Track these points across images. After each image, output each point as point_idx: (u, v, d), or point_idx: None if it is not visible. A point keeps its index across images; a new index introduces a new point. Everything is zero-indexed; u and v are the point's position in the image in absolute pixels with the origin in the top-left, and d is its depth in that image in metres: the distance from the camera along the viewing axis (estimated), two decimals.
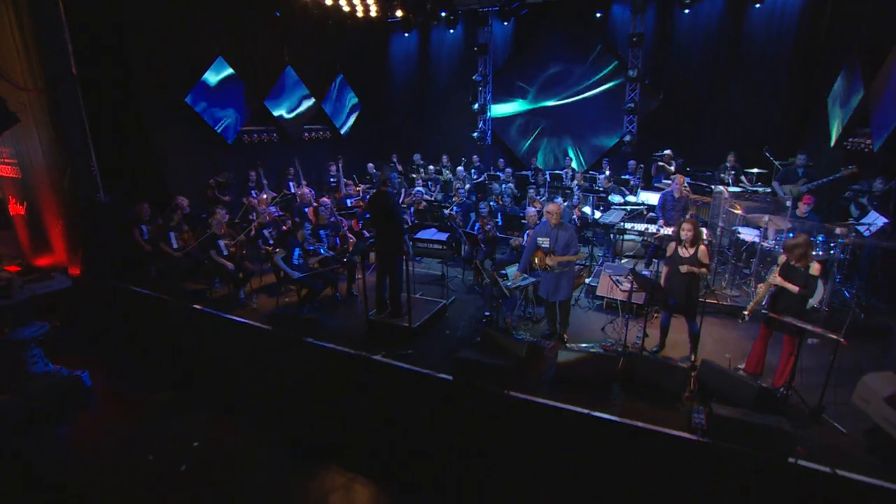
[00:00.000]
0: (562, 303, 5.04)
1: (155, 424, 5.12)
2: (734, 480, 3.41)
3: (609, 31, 9.98)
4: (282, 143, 10.51)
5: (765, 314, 4.15)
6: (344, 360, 5.09)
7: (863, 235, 5.39)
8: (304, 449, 4.63)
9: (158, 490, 4.10)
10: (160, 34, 8.06)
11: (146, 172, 8.24)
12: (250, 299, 6.54)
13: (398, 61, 12.73)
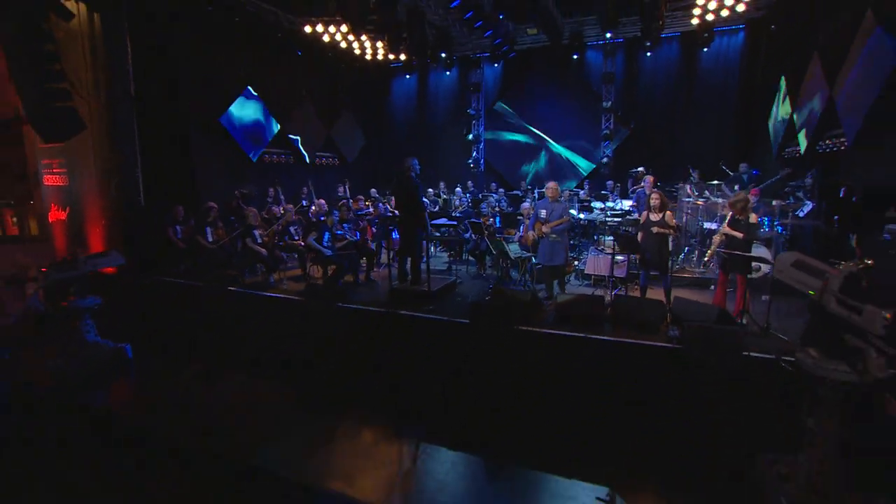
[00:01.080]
0: (558, 267, 6.04)
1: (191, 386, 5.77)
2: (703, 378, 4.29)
3: (585, 71, 11.65)
4: (297, 165, 11.65)
5: (723, 257, 5.20)
6: (373, 318, 5.92)
7: (798, 216, 6.60)
8: (326, 398, 5.33)
9: (203, 427, 4.73)
10: (202, 64, 9.30)
11: (180, 180, 9.20)
12: (280, 283, 7.37)
13: (399, 98, 14.25)
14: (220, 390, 5.69)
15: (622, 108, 11.27)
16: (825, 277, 3.11)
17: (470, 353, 5.29)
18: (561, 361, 4.86)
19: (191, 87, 9.15)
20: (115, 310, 7.18)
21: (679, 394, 4.31)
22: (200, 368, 6.30)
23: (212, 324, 7.18)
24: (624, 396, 4.44)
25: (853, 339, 2.95)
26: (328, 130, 12.59)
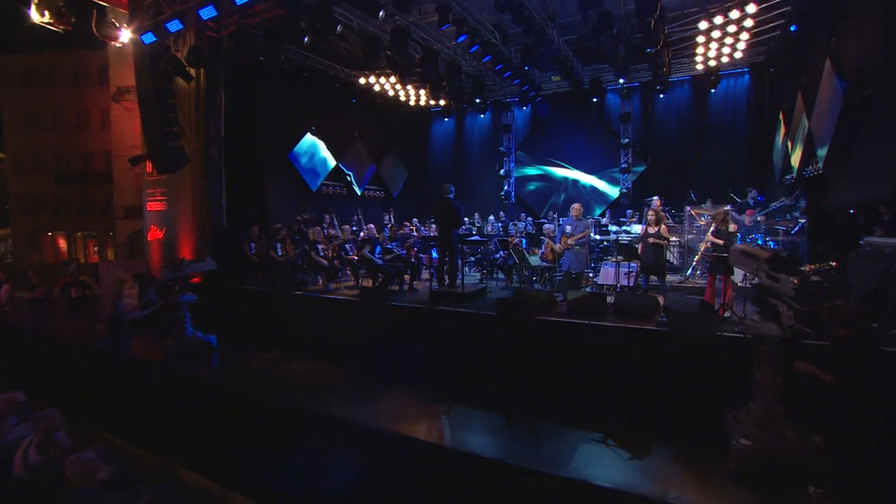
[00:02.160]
0: (579, 275, 7.17)
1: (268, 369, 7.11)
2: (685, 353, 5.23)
3: (605, 111, 12.96)
4: (348, 196, 13.33)
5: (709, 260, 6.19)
6: (415, 313, 7.15)
7: (790, 233, 7.49)
8: (374, 376, 6.53)
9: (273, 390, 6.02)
10: (275, 110, 11.21)
11: (254, 205, 10.93)
12: (336, 290, 8.76)
13: (439, 138, 15.95)
14: (288, 370, 7.03)
15: (640, 143, 12.44)
16: (758, 259, 4.17)
17: (495, 340, 6.41)
18: (570, 343, 5.90)
19: (266, 129, 11.03)
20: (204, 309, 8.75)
21: (666, 366, 5.27)
22: (273, 355, 7.69)
23: (281, 322, 8.60)
24: (620, 369, 5.44)
25: (775, 300, 3.96)
26: (376, 166, 14.31)
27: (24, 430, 4.29)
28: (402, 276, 8.71)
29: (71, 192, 26.52)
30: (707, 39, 9.07)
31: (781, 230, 7.48)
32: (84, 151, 26.42)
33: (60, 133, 26.27)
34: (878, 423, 3.74)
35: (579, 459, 4.32)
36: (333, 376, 6.66)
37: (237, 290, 9.34)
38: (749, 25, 8.49)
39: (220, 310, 9.08)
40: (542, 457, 4.32)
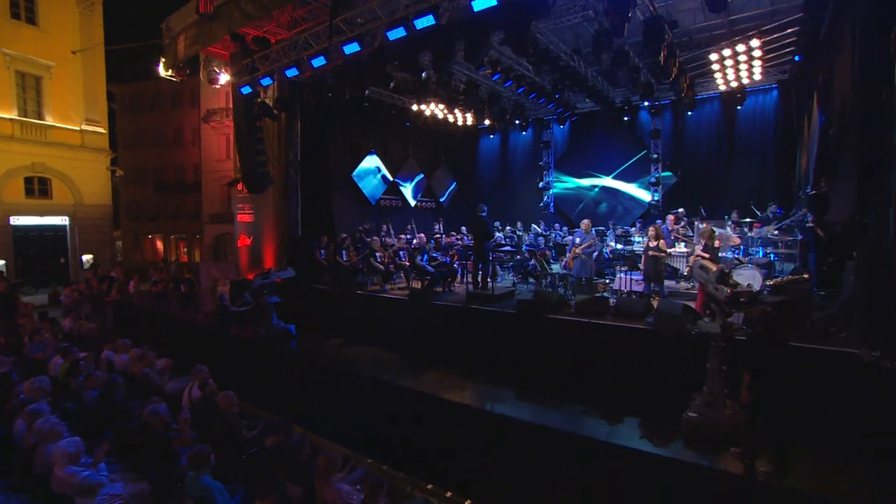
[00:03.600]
0: (589, 280, 8.43)
1: (335, 351, 8.93)
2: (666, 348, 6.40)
3: (638, 127, 13.89)
4: (403, 207, 15.13)
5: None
6: (453, 310, 8.69)
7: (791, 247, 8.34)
8: (420, 359, 8.14)
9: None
10: (341, 136, 13.17)
11: (324, 218, 12.93)
12: (391, 291, 10.48)
13: (485, 153, 17.44)
14: (350, 352, 8.80)
15: (670, 157, 13.28)
16: (709, 273, 5.37)
17: (516, 334, 7.82)
18: (574, 337, 7.21)
19: (333, 153, 13.02)
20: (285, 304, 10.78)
21: (650, 358, 6.47)
22: (338, 341, 9.52)
23: (344, 315, 10.44)
24: (612, 358, 6.70)
25: (715, 306, 5.15)
26: (428, 179, 16.03)
27: (176, 384, 6.29)
28: (444, 279, 10.29)
29: (166, 200, 30.39)
30: (721, 67, 9.94)
31: (782, 243, 8.32)
32: (177, 165, 30.16)
33: (159, 149, 30.21)
34: (784, 398, 4.84)
35: (570, 423, 5.69)
36: (385, 358, 8.36)
37: (310, 289, 11.30)
38: (758, 55, 9.31)
39: (297, 305, 11.09)
40: (543, 420, 5.73)
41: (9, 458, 4.04)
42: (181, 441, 4.53)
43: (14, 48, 17.48)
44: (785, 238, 8.45)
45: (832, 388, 5.18)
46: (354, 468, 4.28)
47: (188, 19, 10.40)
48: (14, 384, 5.32)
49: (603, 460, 5.03)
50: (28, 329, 8.13)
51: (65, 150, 19.43)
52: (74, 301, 12.27)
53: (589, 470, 5.06)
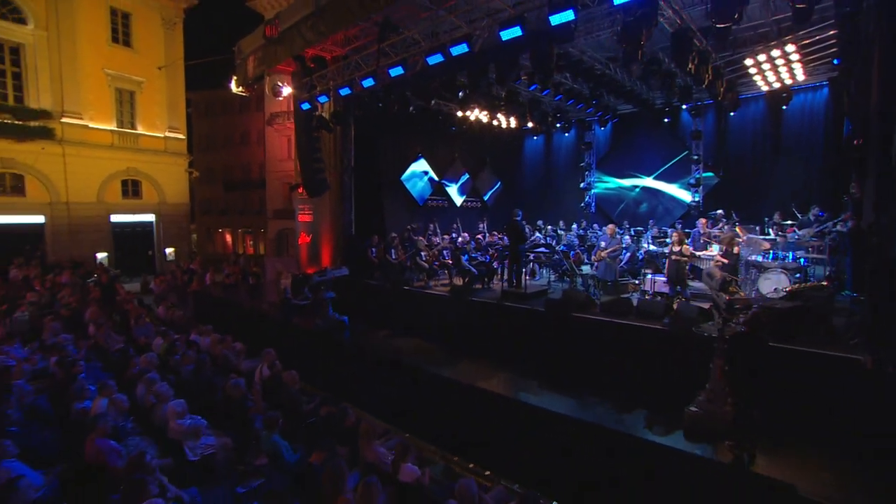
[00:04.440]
0: (615, 281, 8.94)
1: (383, 341, 9.96)
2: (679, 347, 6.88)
3: (680, 127, 13.93)
4: (449, 207, 16.01)
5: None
6: (488, 306, 9.48)
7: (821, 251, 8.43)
8: (458, 350, 8.99)
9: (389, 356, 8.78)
10: (390, 142, 14.19)
11: (375, 219, 14.04)
12: (434, 287, 11.41)
13: (529, 154, 17.96)
14: (396, 343, 9.80)
15: (712, 157, 13.27)
16: (713, 280, 5.86)
17: (544, 329, 8.50)
18: (598, 336, 7.80)
19: (384, 158, 14.07)
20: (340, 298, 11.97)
21: (664, 356, 6.98)
22: (386, 332, 10.57)
23: (392, 309, 11.48)
24: (629, 353, 7.26)
25: (716, 311, 5.63)
26: (473, 180, 16.80)
27: (249, 363, 7.52)
28: (483, 277, 11.08)
29: (234, 197, 32.97)
30: (760, 70, 9.98)
31: (812, 248, 8.43)
32: (244, 164, 32.59)
33: (228, 150, 32.80)
34: (766, 392, 5.29)
35: (583, 411, 6.37)
36: (427, 348, 9.30)
37: (362, 285, 12.45)
38: (798, 57, 9.32)
39: (350, 299, 12.27)
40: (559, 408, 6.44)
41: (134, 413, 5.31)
42: (255, 409, 5.65)
43: (114, 68, 19.95)
44: (814, 243, 8.53)
45: (834, 391, 5.54)
46: (391, 438, 5.23)
47: (256, 43, 11.76)
48: (130, 358, 6.71)
49: (606, 444, 5.69)
50: (133, 314, 9.77)
51: (152, 156, 21.88)
52: (163, 290, 14.15)
53: (594, 453, 5.74)
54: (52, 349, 7.12)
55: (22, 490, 3.22)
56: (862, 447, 5.08)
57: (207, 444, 4.82)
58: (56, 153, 18.44)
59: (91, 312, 9.51)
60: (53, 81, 18.23)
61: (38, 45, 17.82)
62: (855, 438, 5.17)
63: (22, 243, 17.45)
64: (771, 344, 6.05)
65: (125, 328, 9.15)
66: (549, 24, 6.13)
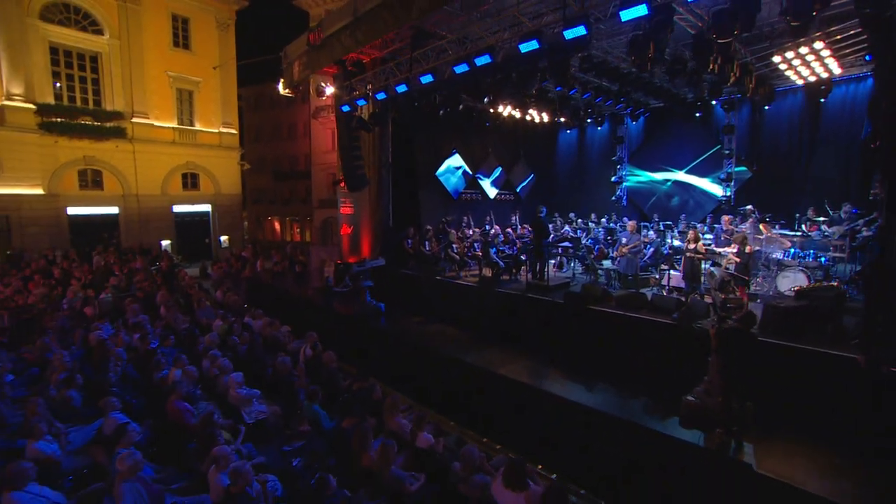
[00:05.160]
0: (635, 276, 9.35)
1: (415, 327, 10.79)
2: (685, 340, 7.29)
3: (714, 120, 13.86)
4: (483, 200, 16.60)
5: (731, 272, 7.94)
6: (513, 297, 10.11)
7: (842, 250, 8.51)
8: (485, 338, 9.69)
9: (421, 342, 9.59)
10: (426, 139, 14.90)
11: (411, 212, 14.86)
12: (465, 277, 12.13)
13: (563, 147, 18.21)
14: (428, 329, 10.61)
15: (745, 151, 13.16)
16: (714, 280, 6.27)
17: (562, 320, 9.07)
18: (611, 327, 8.30)
19: (420, 154, 14.81)
20: (377, 286, 12.92)
21: (670, 349, 7.42)
22: (419, 319, 11.42)
23: (425, 297, 12.30)
24: (639, 345, 7.73)
25: (712, 308, 6.05)
26: (507, 173, 17.30)
27: (295, 344, 8.54)
28: (511, 269, 11.69)
29: (282, 187, 34.74)
30: (789, 67, 9.94)
31: (834, 247, 8.52)
32: (291, 155, 34.21)
33: (276, 142, 34.51)
34: (766, 387, 5.68)
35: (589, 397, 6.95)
36: (455, 335, 10.06)
37: (398, 274, 13.35)
38: (827, 54, 9.25)
39: (387, 287, 13.20)
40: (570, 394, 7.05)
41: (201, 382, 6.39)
42: (299, 383, 6.61)
43: (175, 70, 21.65)
44: (837, 242, 8.61)
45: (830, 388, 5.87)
46: (412, 412, 6.05)
47: (301, 49, 12.70)
48: (196, 336, 7.85)
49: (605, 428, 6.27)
50: (196, 298, 11.07)
51: (207, 150, 23.60)
52: (220, 277, 15.60)
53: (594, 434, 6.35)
54: (134, 327, 8.40)
55: (130, 433, 4.27)
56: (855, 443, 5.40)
57: (260, 411, 5.80)
58: (127, 150, 20.37)
59: (161, 296, 10.87)
60: (125, 85, 20.08)
61: (113, 53, 19.65)
62: (849, 434, 5.50)
63: (100, 231, 19.54)
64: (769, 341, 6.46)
65: (189, 310, 10.44)
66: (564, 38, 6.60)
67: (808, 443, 5.48)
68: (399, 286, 13.06)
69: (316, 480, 3.94)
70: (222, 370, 6.14)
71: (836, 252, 8.62)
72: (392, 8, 9.14)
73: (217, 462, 4.01)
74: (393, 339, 10.27)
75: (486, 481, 4.27)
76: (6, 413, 5.15)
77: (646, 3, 5.72)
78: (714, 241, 10.46)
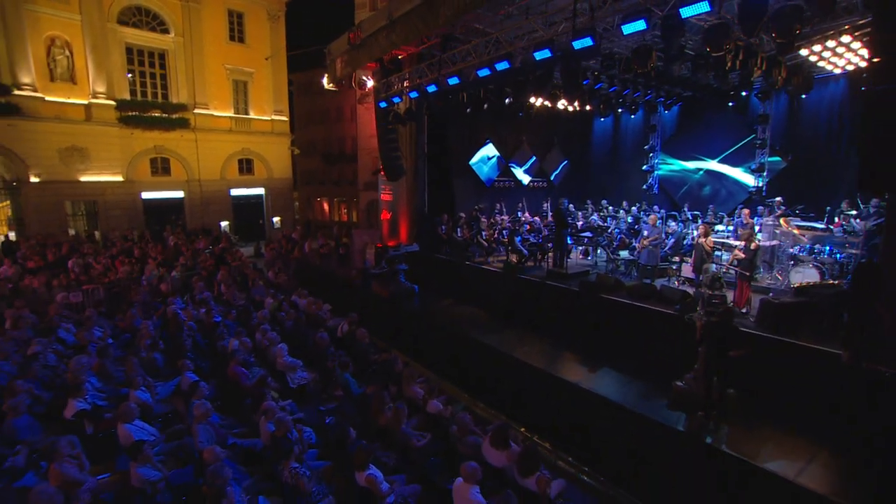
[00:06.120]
0: (655, 266, 9.84)
1: (444, 308, 11.75)
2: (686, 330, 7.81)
3: (749, 112, 13.69)
4: (516, 188, 17.20)
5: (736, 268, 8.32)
6: (534, 284, 10.83)
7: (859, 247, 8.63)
8: (507, 319, 10.52)
9: (450, 322, 10.55)
10: (460, 129, 15.59)
11: (446, 200, 15.71)
12: (492, 263, 12.94)
13: (598, 134, 18.37)
14: (457, 310, 11.54)
15: (780, 142, 13.00)
16: (705, 274, 6.78)
17: (576, 307, 9.73)
18: (620, 315, 8.91)
19: (454, 145, 15.55)
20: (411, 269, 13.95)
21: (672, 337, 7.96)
22: (449, 301, 12.38)
23: (455, 280, 13.23)
24: (648, 335, 8.32)
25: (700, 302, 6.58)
26: (540, 161, 17.75)
27: (334, 321, 9.72)
28: (535, 256, 12.37)
29: (330, 169, 36.31)
30: (819, 58, 9.86)
31: (849, 245, 8.66)
32: (339, 138, 35.59)
33: (325, 126, 35.99)
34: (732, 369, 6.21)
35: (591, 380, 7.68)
36: (480, 316, 10.95)
37: (431, 258, 14.32)
38: (858, 46, 9.15)
39: (421, 270, 14.21)
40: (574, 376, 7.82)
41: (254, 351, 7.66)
42: (334, 355, 7.75)
43: (231, 63, 23.28)
44: (852, 238, 8.72)
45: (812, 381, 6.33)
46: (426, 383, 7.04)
47: (343, 47, 13.66)
48: (250, 312, 9.18)
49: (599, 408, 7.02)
50: (251, 277, 12.54)
51: (261, 137, 25.29)
52: (271, 258, 17.18)
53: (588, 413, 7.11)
54: (200, 302, 9.86)
55: (201, 388, 5.51)
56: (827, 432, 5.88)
57: (302, 377, 6.98)
58: (190, 139, 22.32)
59: (222, 275, 12.40)
60: (187, 79, 21.91)
61: (177, 50, 21.46)
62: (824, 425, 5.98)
63: (169, 214, 21.71)
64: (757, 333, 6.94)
65: (245, 288, 11.90)
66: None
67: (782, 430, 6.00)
68: (433, 270, 14.03)
69: (339, 432, 5.01)
70: (271, 342, 7.37)
71: (851, 248, 8.74)
72: (422, 14, 9.88)
73: (266, 414, 5.15)
74: (423, 318, 11.29)
75: (477, 442, 5.19)
76: (111, 368, 6.59)
77: (644, 19, 6.17)
78: (733, 235, 10.71)
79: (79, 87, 19.09)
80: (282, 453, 4.52)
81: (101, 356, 6.84)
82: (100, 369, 6.51)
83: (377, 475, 4.41)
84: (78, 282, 11.63)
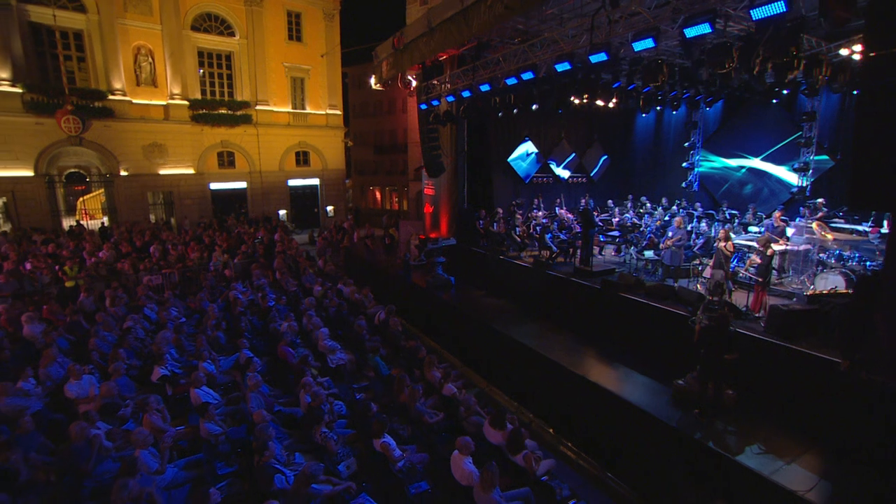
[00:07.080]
0: (678, 267, 10.14)
1: (476, 299, 12.53)
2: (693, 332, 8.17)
3: (797, 106, 13.29)
4: (554, 183, 17.56)
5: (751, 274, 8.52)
6: (560, 280, 11.38)
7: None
8: (535, 312, 11.16)
9: (481, 313, 11.35)
10: (499, 127, 16.14)
11: (484, 195, 16.38)
12: (525, 258, 13.54)
13: (640, 130, 18.25)
14: (488, 301, 12.31)
15: (828, 140, 12.58)
16: (711, 279, 7.16)
17: (597, 304, 10.22)
18: (641, 314, 9.33)
19: (493, 142, 16.13)
20: (450, 262, 14.81)
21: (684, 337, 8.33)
22: (482, 292, 13.16)
23: (489, 273, 13.95)
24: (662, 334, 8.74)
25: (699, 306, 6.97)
26: (580, 158, 17.96)
27: (374, 309, 10.75)
28: (564, 252, 12.86)
29: (382, 159, 37.70)
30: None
31: (880, 252, 8.58)
32: (391, 129, 36.82)
33: (378, 117, 37.32)
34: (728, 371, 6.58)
35: (601, 375, 8.26)
36: (508, 308, 11.67)
37: (468, 250, 15.11)
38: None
39: (458, 262, 15.05)
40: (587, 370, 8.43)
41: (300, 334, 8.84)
42: (369, 340, 8.78)
43: (290, 61, 24.86)
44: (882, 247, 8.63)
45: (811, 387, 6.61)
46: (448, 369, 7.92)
47: (388, 50, 14.56)
48: (300, 298, 10.41)
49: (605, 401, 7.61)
50: (302, 266, 13.89)
51: (316, 130, 26.85)
52: (322, 247, 18.60)
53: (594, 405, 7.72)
54: (257, 288, 11.22)
55: (255, 363, 6.69)
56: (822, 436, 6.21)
57: (340, 358, 8.05)
58: (252, 134, 24.20)
59: (277, 263, 13.82)
60: (250, 77, 23.71)
61: (242, 51, 23.26)
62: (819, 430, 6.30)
63: (233, 203, 23.78)
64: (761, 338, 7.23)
65: (297, 275, 13.25)
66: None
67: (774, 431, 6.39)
68: (469, 262, 14.83)
69: (363, 406, 5.99)
70: (315, 326, 8.51)
71: (882, 256, 8.66)
72: (458, 23, 10.55)
73: (304, 388, 6.23)
74: (455, 308, 12.16)
75: (480, 422, 6.02)
76: (185, 342, 7.99)
77: (652, 37, 6.58)
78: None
79: (159, 89, 21.29)
80: (315, 420, 5.55)
81: (177, 332, 8.26)
82: (177, 343, 7.90)
83: (390, 443, 5.34)
84: (158, 266, 13.41)
